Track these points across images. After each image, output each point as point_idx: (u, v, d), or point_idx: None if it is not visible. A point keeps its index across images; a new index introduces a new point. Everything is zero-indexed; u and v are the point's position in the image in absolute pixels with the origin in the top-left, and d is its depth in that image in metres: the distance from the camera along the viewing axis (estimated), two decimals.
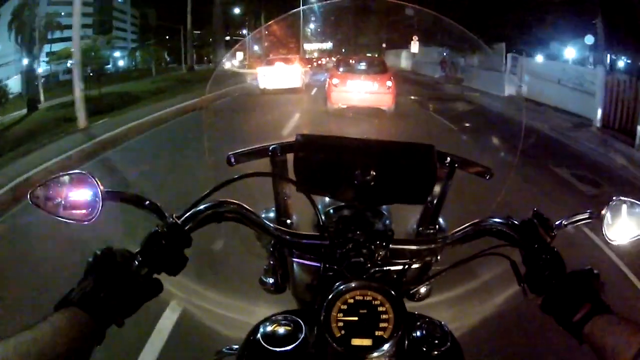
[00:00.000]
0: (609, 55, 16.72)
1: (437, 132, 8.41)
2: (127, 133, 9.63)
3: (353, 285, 0.88)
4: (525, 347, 2.96)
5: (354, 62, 13.40)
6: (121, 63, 31.62)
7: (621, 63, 16.89)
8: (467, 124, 9.33)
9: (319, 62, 36.32)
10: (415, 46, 27.60)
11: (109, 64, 29.73)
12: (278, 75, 16.81)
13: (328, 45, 49.49)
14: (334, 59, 22.02)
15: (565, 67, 14.57)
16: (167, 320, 3.11)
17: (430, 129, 8.66)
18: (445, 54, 24.39)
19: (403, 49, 36.33)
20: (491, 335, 3.00)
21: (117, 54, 31.17)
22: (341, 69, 11.92)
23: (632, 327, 0.76)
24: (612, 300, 0.85)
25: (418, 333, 0.94)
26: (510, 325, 3.08)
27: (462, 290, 3.37)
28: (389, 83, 10.97)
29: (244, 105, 13.21)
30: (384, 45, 41.24)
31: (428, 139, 1.14)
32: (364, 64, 13.01)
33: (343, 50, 42.31)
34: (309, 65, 29.32)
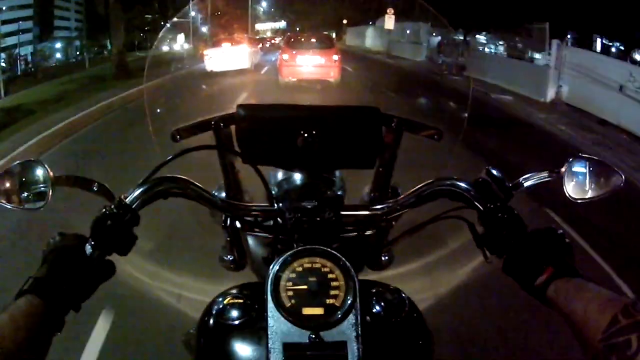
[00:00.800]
0: None
1: None
2: None
3: (300, 252, 0.87)
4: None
5: (302, 39, 14.25)
6: (58, 55, 29.73)
7: None
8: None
9: (272, 41, 35.28)
10: (390, 21, 22.78)
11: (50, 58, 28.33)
12: (225, 56, 16.35)
13: (282, 24, 48.81)
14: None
15: (633, 70, 9.49)
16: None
17: None
18: (434, 34, 19.48)
19: (369, 26, 33.26)
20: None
21: (58, 45, 29.75)
22: (291, 46, 12.69)
23: (601, 293, 0.74)
24: None
25: (374, 300, 0.95)
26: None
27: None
28: (335, 57, 11.54)
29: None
30: (344, 22, 39.05)
31: None
32: (312, 40, 13.76)
33: (297, 29, 41.41)
34: (260, 45, 29.20)
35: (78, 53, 30.30)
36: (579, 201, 0.95)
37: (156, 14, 31.06)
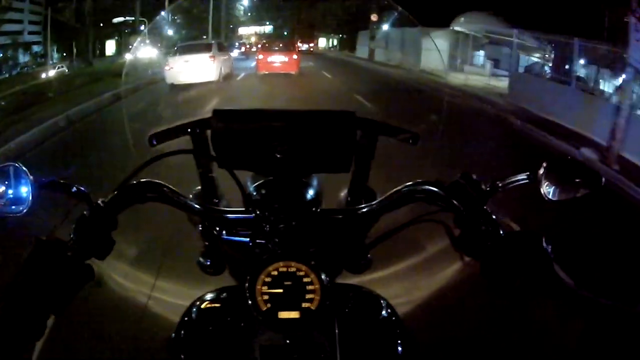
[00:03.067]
0: None
1: None
2: None
3: (275, 256, 0.94)
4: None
5: (272, 44, 21.67)
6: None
7: None
8: None
9: (259, 46, 33.83)
10: None
11: None
12: (188, 67, 15.88)
13: (268, 28, 45.70)
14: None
15: None
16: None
17: None
18: None
19: (430, 30, 19.28)
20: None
21: None
22: (264, 49, 20.64)
23: (571, 298, 0.82)
24: None
25: (351, 304, 1.04)
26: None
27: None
28: (295, 57, 19.57)
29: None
30: (373, 18, 27.61)
31: None
32: (280, 45, 20.88)
33: (285, 33, 39.41)
34: (243, 49, 30.49)
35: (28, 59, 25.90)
36: (556, 202, 1.02)
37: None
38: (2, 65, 24.01)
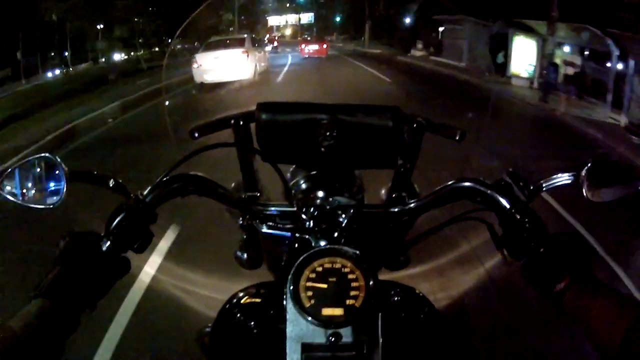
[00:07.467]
0: None
1: None
2: None
3: (321, 252, 0.97)
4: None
5: (310, 38, 36.36)
6: None
7: None
8: None
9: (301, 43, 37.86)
10: None
11: None
12: (218, 64, 15.61)
13: (307, 16, 46.61)
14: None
15: None
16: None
17: None
18: None
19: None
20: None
21: None
22: (304, 42, 34.64)
23: (617, 301, 0.84)
24: None
25: (393, 301, 1.07)
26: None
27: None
28: (325, 45, 32.18)
29: None
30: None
31: None
32: (315, 39, 33.81)
33: (325, 26, 44.10)
34: (275, 44, 36.34)
35: None
36: (599, 202, 1.05)
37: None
38: None
